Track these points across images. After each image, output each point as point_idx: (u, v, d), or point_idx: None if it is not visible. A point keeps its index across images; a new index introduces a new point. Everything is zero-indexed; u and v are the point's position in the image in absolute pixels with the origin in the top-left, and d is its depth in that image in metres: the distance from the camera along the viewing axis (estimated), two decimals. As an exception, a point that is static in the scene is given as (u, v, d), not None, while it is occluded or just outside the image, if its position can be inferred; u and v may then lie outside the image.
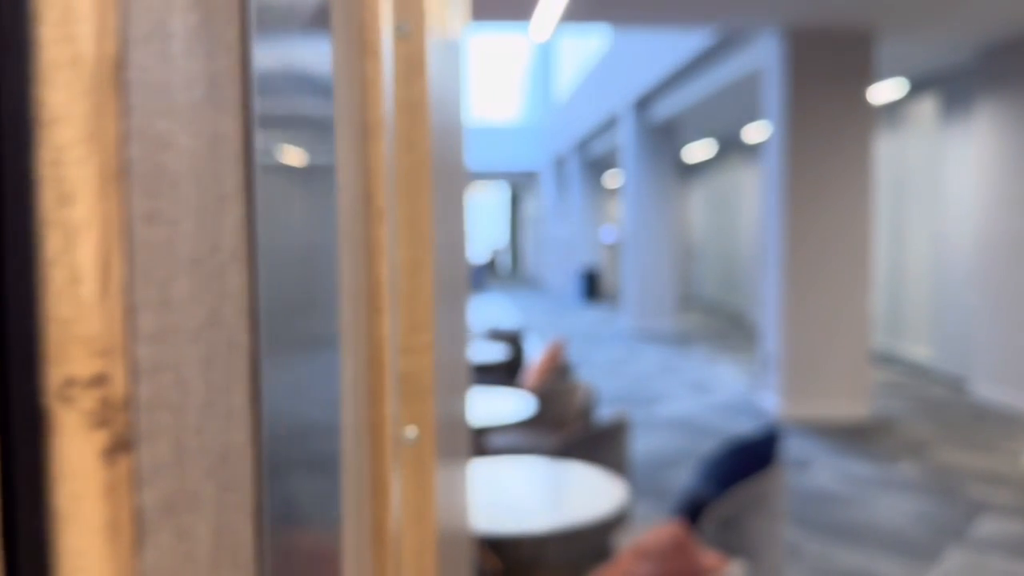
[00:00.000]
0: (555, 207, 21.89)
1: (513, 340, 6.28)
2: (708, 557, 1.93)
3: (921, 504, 4.61)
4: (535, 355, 10.13)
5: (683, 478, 5.12)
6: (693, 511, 2.74)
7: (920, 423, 6.51)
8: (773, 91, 6.83)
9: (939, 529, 4.22)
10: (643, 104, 12.50)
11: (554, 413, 4.44)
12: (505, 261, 31.69)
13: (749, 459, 2.70)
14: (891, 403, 7.29)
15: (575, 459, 3.40)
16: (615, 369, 9.32)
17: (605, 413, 6.98)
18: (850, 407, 6.72)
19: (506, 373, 6.29)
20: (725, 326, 13.90)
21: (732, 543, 2.56)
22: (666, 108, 11.52)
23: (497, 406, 3.93)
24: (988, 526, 4.26)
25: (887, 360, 9.49)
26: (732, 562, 1.96)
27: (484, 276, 21.03)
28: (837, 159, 6.66)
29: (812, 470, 5.28)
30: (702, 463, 2.80)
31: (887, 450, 5.73)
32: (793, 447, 5.82)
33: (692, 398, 7.62)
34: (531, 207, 28.06)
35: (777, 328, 6.73)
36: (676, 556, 1.77)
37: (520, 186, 29.38)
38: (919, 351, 8.87)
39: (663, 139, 12.61)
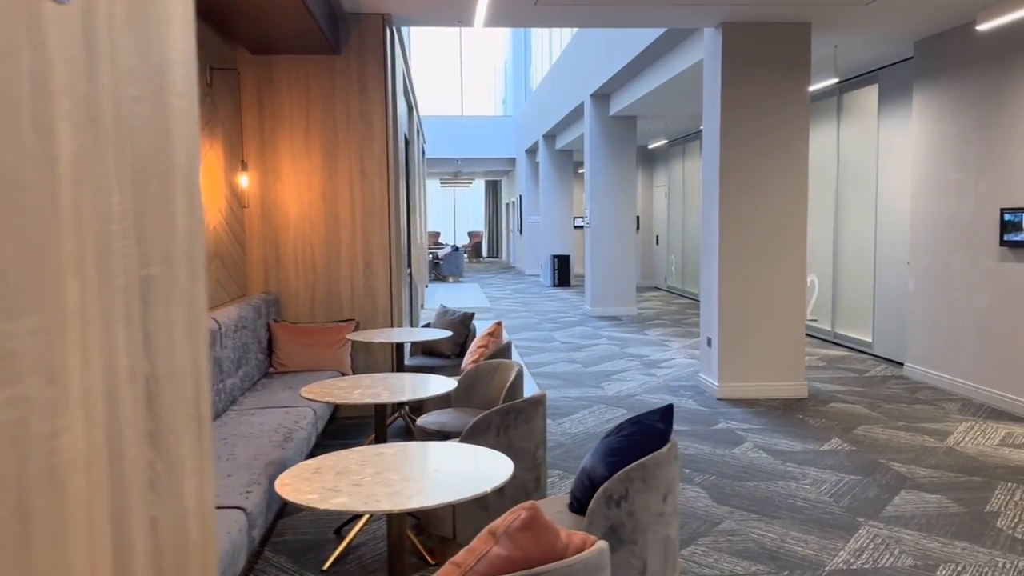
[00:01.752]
0: (529, 195, 21.99)
1: (463, 323, 6.31)
2: (570, 536, 1.97)
3: (844, 480, 4.71)
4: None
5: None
6: (586, 490, 2.79)
7: (854, 403, 6.64)
8: (711, 81, 6.88)
9: (858, 505, 4.32)
10: (602, 95, 12.53)
11: (483, 392, 4.48)
12: (485, 247, 31.67)
13: (642, 438, 2.75)
14: (829, 384, 7.41)
15: (493, 436, 3.44)
16: (572, 351, 9.38)
17: (555, 392, 7.05)
18: (786, 387, 6.83)
19: (455, 353, 6.33)
20: (682, 310, 14.06)
21: (622, 520, 2.62)
22: (624, 98, 11.55)
23: (424, 387, 3.96)
24: (906, 502, 4.37)
25: (829, 343, 9.64)
26: (596, 541, 2.01)
27: (460, 262, 21.05)
28: (774, 148, 6.73)
29: (741, 447, 5.37)
30: (599, 442, 2.85)
31: (818, 428, 5.84)
32: (726, 425, 5.91)
33: (640, 378, 7.70)
34: (508, 195, 28.05)
35: (716, 310, 6.82)
36: (526, 537, 1.81)
37: (499, 174, 29.36)
38: (860, 334, 9.02)
39: (622, 129, 12.67)
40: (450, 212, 33.34)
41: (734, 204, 6.74)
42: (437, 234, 30.28)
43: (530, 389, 7.26)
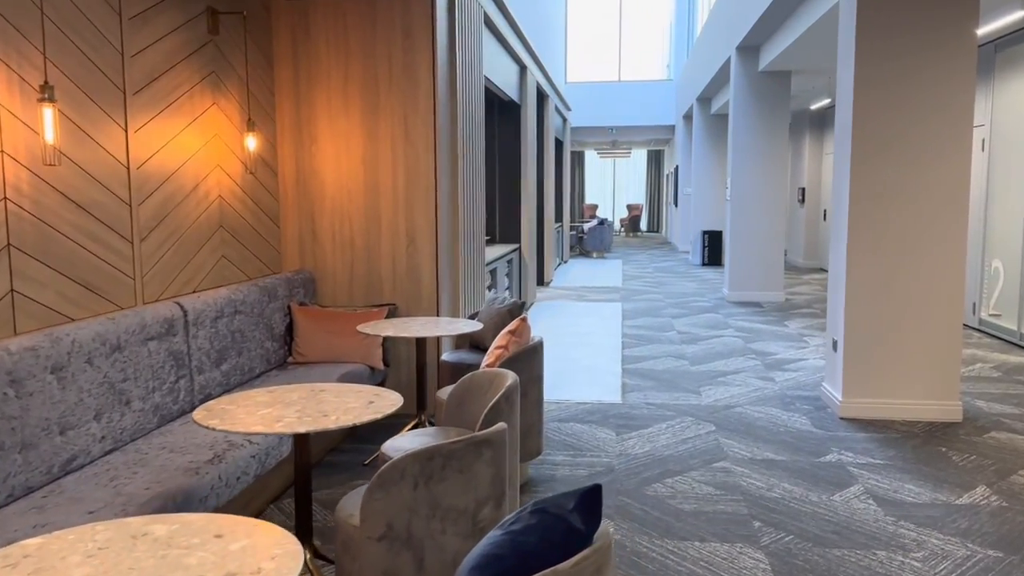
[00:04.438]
0: (685, 165, 20.43)
1: (511, 313, 5.35)
2: None
3: (975, 557, 3.36)
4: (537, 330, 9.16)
5: (659, 493, 4.04)
6: (451, 614, 1.79)
7: (1023, 433, 5.08)
8: (847, 16, 5.44)
9: (987, 602, 3.01)
10: (750, 47, 10.98)
11: (474, 409, 3.53)
12: (644, 221, 30.22)
13: (539, 542, 1.72)
14: (996, 403, 5.81)
15: (408, 490, 2.50)
16: (687, 343, 8.16)
17: (639, 396, 5.94)
18: (933, 407, 5.35)
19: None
20: (842, 294, 12.27)
21: None
22: (773, 49, 9.99)
23: (364, 407, 3.06)
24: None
25: (1013, 345, 7.80)
26: None
27: (605, 236, 19.85)
28: (925, 104, 5.21)
29: (846, 492, 4.08)
30: (485, 537, 1.83)
31: (963, 469, 4.41)
32: (838, 456, 4.60)
33: (753, 383, 6.42)
34: (669, 166, 26.44)
35: (843, 306, 5.44)
36: None
37: (660, 143, 27.76)
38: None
39: (774, 86, 11.07)
40: (609, 184, 32.00)
41: (869, 174, 5.31)
42: (595, 207, 29.16)
43: (611, 390, 6.19)
